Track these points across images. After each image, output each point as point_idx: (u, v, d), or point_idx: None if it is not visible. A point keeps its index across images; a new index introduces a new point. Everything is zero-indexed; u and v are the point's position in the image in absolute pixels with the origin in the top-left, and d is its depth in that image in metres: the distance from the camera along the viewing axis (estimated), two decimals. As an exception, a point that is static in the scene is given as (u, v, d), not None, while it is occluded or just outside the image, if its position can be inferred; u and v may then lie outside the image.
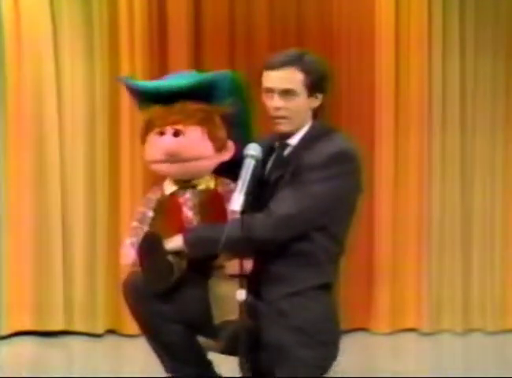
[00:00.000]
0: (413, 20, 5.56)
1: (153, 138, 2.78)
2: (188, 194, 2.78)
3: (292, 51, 2.80)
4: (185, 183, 2.78)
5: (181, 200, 2.77)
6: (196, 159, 2.73)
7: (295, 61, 2.73)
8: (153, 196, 2.82)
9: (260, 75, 2.77)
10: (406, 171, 5.60)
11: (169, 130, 2.74)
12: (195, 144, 2.73)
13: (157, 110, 2.77)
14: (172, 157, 2.72)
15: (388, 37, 5.52)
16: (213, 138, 2.76)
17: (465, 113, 5.63)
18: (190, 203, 2.76)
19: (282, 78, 2.71)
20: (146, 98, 2.83)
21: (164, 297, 2.69)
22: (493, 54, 5.63)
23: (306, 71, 2.72)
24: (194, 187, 2.78)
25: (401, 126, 5.58)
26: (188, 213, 2.75)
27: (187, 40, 5.45)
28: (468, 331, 5.59)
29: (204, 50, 5.47)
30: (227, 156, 2.79)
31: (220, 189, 2.76)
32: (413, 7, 5.56)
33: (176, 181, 2.80)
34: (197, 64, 5.36)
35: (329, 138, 2.75)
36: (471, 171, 5.66)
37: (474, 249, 5.66)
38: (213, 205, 2.73)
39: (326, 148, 2.71)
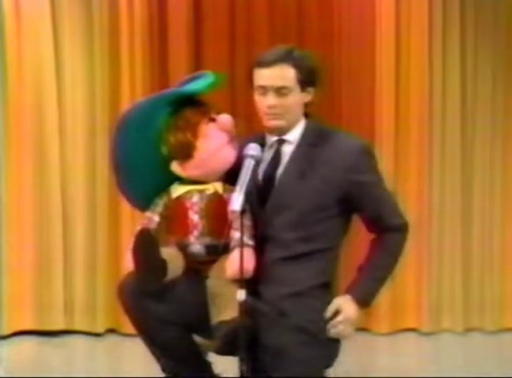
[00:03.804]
0: (413, 20, 5.56)
1: (209, 128, 2.78)
2: (195, 198, 2.76)
3: (281, 47, 2.76)
4: (199, 185, 2.78)
5: (188, 204, 2.76)
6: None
7: (286, 57, 2.70)
8: (160, 200, 2.81)
9: (250, 73, 2.74)
10: (406, 171, 5.60)
11: (215, 115, 2.81)
12: None
13: (189, 111, 2.78)
14: (233, 135, 2.80)
15: (389, 36, 5.52)
16: None
17: (466, 112, 5.64)
18: (196, 207, 2.75)
19: (275, 75, 2.68)
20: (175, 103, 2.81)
21: (160, 297, 2.68)
22: (493, 54, 5.64)
23: (298, 66, 2.70)
24: (202, 191, 2.77)
25: (401, 126, 5.59)
26: (194, 217, 2.75)
27: (187, 40, 5.46)
28: (467, 330, 5.60)
29: (204, 50, 5.47)
30: None
31: (226, 195, 2.74)
32: (413, 7, 5.56)
33: (191, 183, 2.79)
34: (197, 64, 5.36)
35: (338, 134, 2.78)
36: (471, 171, 5.66)
37: (474, 249, 5.66)
38: (219, 210, 2.71)
39: (347, 142, 2.74)
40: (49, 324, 5.39)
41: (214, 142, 2.75)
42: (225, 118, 2.80)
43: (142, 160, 2.78)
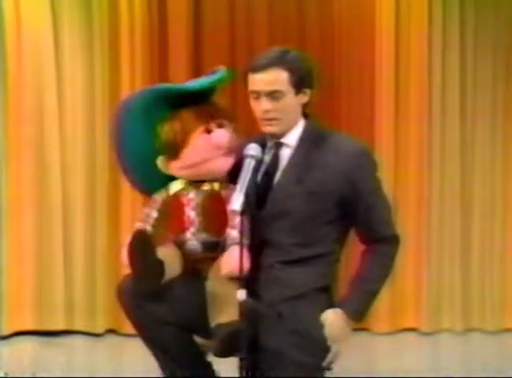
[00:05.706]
0: (413, 20, 5.57)
1: (200, 139, 2.74)
2: (192, 195, 2.76)
3: (275, 50, 2.73)
4: (198, 184, 2.77)
5: (184, 200, 2.76)
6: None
7: (279, 61, 2.67)
8: (159, 196, 2.82)
9: (245, 77, 2.72)
10: (405, 170, 5.61)
11: (214, 126, 2.75)
12: (236, 137, 2.79)
13: (189, 113, 2.76)
14: (229, 149, 2.74)
15: (388, 36, 5.53)
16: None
17: (465, 112, 5.64)
18: (192, 203, 2.75)
19: (267, 80, 2.66)
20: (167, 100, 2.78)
21: (159, 299, 2.67)
22: (493, 52, 5.65)
23: (291, 69, 2.67)
24: (199, 187, 2.77)
25: (401, 126, 5.59)
26: (190, 213, 2.75)
27: (187, 40, 5.46)
28: (467, 330, 5.60)
29: (204, 51, 5.48)
30: None
31: (223, 192, 2.74)
32: (413, 6, 5.57)
33: (191, 182, 2.79)
34: (197, 64, 5.37)
35: (337, 136, 2.76)
36: (471, 169, 5.67)
37: (473, 249, 5.67)
38: (215, 206, 2.71)
39: (345, 145, 2.71)
40: (49, 324, 5.40)
41: (201, 155, 2.72)
42: (220, 134, 2.74)
43: (142, 146, 2.77)
